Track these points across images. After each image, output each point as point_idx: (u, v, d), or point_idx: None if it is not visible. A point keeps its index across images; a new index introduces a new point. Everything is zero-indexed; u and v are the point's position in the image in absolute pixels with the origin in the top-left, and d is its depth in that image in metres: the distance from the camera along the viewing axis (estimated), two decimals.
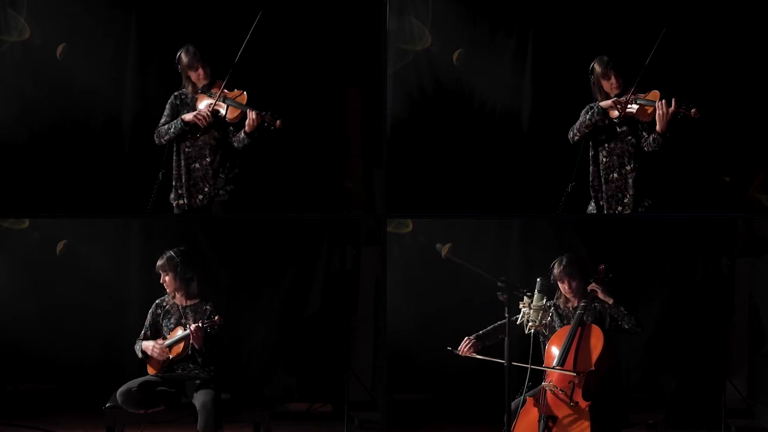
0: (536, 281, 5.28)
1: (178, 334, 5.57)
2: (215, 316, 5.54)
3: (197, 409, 5.39)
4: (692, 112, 5.58)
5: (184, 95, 5.88)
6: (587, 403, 5.16)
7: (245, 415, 5.56)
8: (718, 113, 6.15)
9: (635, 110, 5.68)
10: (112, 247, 6.52)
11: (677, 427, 6.32)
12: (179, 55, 5.84)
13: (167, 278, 5.64)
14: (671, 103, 5.58)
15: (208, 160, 5.86)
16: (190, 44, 5.82)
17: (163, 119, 5.89)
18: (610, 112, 5.74)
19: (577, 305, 5.42)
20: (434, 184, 6.40)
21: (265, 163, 6.16)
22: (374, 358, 6.45)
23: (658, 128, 5.62)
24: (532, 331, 5.28)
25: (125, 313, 6.48)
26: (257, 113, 5.71)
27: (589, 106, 5.79)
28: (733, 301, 6.44)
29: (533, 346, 5.34)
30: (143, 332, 5.69)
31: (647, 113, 5.67)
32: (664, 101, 5.60)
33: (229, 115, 5.77)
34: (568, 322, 5.41)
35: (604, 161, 5.81)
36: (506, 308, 5.10)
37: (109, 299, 6.52)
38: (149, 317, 5.71)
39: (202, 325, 5.48)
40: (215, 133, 5.84)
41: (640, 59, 5.68)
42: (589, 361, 5.23)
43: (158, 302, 5.72)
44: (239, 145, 5.80)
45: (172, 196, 5.92)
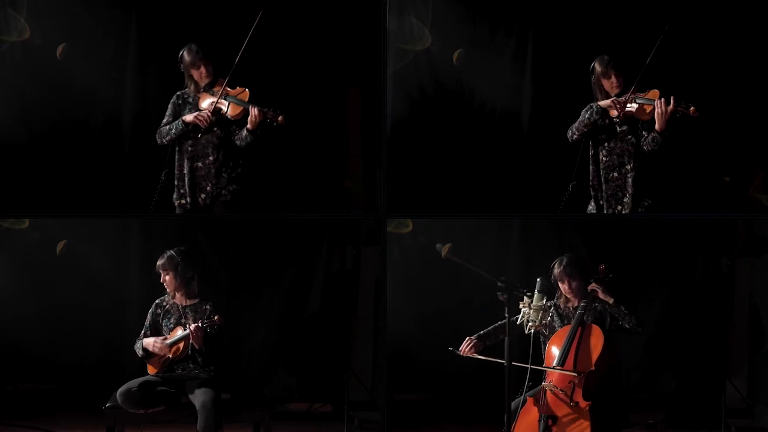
0: (536, 281, 5.28)
1: (177, 333, 5.57)
2: (215, 315, 5.54)
3: (197, 409, 5.39)
4: (691, 110, 5.59)
5: (186, 94, 5.88)
6: (587, 403, 5.15)
7: (245, 415, 5.56)
8: (718, 113, 6.15)
9: (635, 109, 5.69)
10: (112, 247, 6.52)
11: (677, 427, 6.32)
12: (182, 53, 5.84)
13: (167, 277, 5.64)
14: (670, 101, 5.59)
15: (211, 158, 5.86)
16: (192, 43, 5.83)
17: (165, 119, 5.89)
18: (609, 111, 5.74)
19: (577, 305, 5.42)
20: (434, 184, 6.40)
21: (265, 163, 6.16)
22: (374, 358, 6.45)
23: (657, 127, 5.62)
24: (532, 331, 5.28)
25: (125, 313, 6.48)
26: (259, 109, 5.71)
27: (589, 105, 5.79)
28: (733, 301, 6.44)
29: (533, 346, 5.33)
30: (143, 332, 5.69)
31: (646, 112, 5.67)
32: (663, 100, 5.60)
33: (231, 112, 5.77)
34: (568, 322, 5.41)
35: (604, 160, 5.81)
36: (506, 308, 5.10)
37: (109, 299, 6.52)
38: (149, 317, 5.71)
39: (201, 324, 5.48)
40: (218, 131, 5.84)
41: (640, 59, 5.68)
42: (589, 361, 5.23)
43: (158, 302, 5.72)
44: (242, 143, 5.80)
45: (174, 196, 5.92)
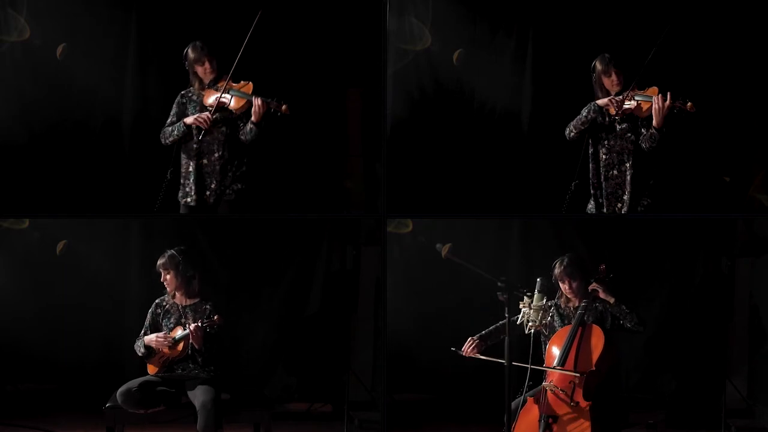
0: (536, 281, 5.28)
1: (177, 333, 5.57)
2: (215, 315, 5.54)
3: (197, 409, 5.39)
4: (688, 105, 5.60)
5: (190, 93, 5.89)
6: (588, 403, 5.15)
7: (245, 415, 5.56)
8: (718, 113, 6.16)
9: (633, 106, 5.70)
10: (112, 247, 6.52)
11: (677, 427, 6.32)
12: (186, 51, 5.84)
13: (168, 277, 5.64)
14: (667, 97, 5.60)
15: (216, 155, 5.86)
16: (196, 40, 5.83)
17: (169, 119, 5.90)
18: (609, 109, 5.75)
19: (578, 305, 5.42)
20: (434, 184, 6.40)
21: (265, 163, 6.16)
22: (374, 358, 6.45)
23: (654, 123, 5.64)
24: (532, 331, 5.28)
25: (125, 313, 6.48)
26: (263, 100, 5.72)
27: (589, 104, 5.80)
28: (733, 301, 6.44)
29: (534, 345, 5.33)
30: (143, 332, 5.69)
31: (643, 109, 5.68)
32: (660, 96, 5.62)
33: (234, 104, 5.77)
34: (569, 321, 5.41)
35: (603, 158, 5.82)
36: (506, 308, 5.10)
37: (109, 299, 6.52)
38: (149, 317, 5.71)
39: (201, 324, 5.48)
40: (224, 128, 5.84)
41: (640, 57, 5.69)
42: (589, 361, 5.23)
43: (158, 302, 5.72)
44: (247, 137, 5.80)
45: (180, 194, 5.92)
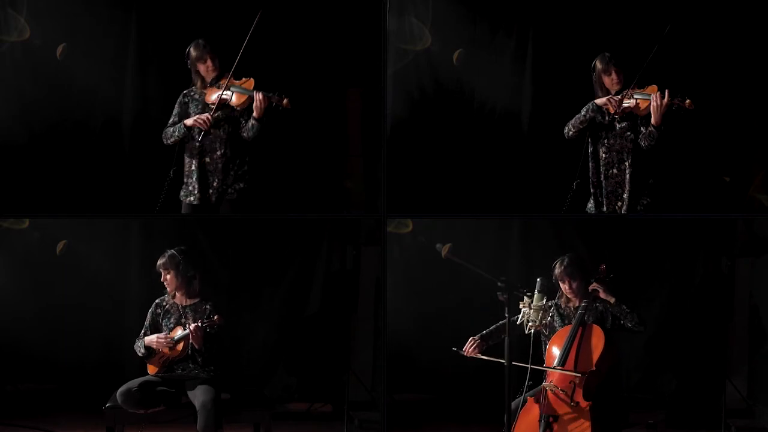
0: (536, 281, 5.28)
1: (177, 333, 5.57)
2: (215, 315, 5.54)
3: (197, 409, 5.39)
4: (687, 103, 5.61)
5: (192, 92, 5.89)
6: (588, 403, 5.15)
7: (245, 415, 5.56)
8: (718, 113, 6.16)
9: (632, 105, 5.70)
10: (112, 247, 6.52)
11: (677, 427, 6.32)
12: (188, 50, 5.85)
13: (168, 277, 5.64)
14: (665, 95, 5.60)
15: (219, 153, 5.85)
16: (199, 38, 5.84)
17: (171, 119, 5.90)
18: (608, 108, 5.75)
19: (578, 305, 5.42)
20: (434, 184, 6.40)
21: (265, 163, 6.16)
22: (374, 358, 6.45)
23: (653, 121, 5.64)
24: (532, 331, 5.27)
25: (125, 313, 6.48)
26: (264, 94, 5.72)
27: (589, 103, 5.81)
28: (733, 301, 6.44)
29: (534, 345, 5.33)
30: (143, 332, 5.69)
31: (641, 108, 5.68)
32: (658, 93, 5.62)
33: (236, 100, 5.78)
34: (569, 321, 5.41)
35: (603, 157, 5.82)
36: (506, 308, 5.10)
37: (109, 299, 6.52)
38: (149, 317, 5.70)
39: (201, 324, 5.48)
40: (226, 126, 5.84)
41: (640, 58, 5.69)
42: (590, 361, 5.23)
43: (158, 302, 5.72)
44: (249, 134, 5.80)
45: (182, 193, 5.92)
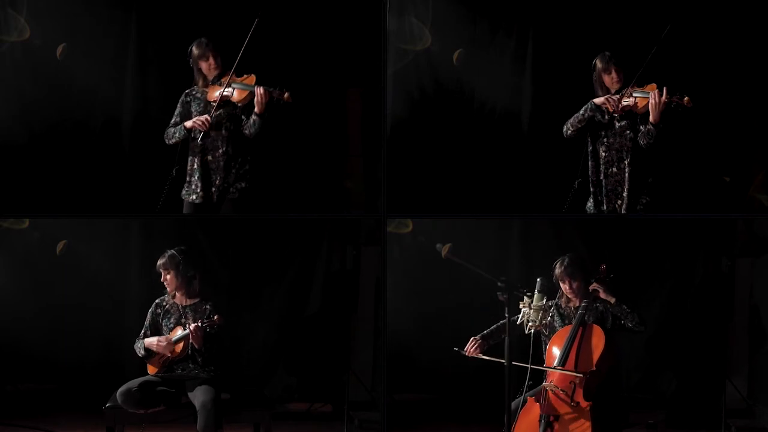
0: (536, 281, 5.28)
1: (177, 333, 5.57)
2: (215, 315, 5.54)
3: (197, 409, 5.39)
4: (685, 100, 5.61)
5: (194, 91, 5.89)
6: (588, 403, 5.15)
7: (245, 415, 5.56)
8: (718, 113, 6.16)
9: (631, 103, 5.70)
10: (112, 247, 6.52)
11: (677, 427, 6.32)
12: (190, 49, 5.85)
13: (168, 277, 5.64)
14: (663, 92, 5.60)
15: (221, 151, 5.85)
16: (201, 38, 5.84)
17: (173, 119, 5.90)
18: (606, 107, 5.75)
19: (578, 305, 5.42)
20: (434, 184, 6.40)
21: (265, 163, 6.16)
22: (374, 358, 6.45)
23: (651, 118, 5.65)
24: (532, 331, 5.27)
25: (125, 313, 6.48)
26: (264, 89, 5.72)
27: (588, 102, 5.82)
28: (733, 301, 6.44)
29: (534, 345, 5.33)
30: (143, 332, 5.69)
31: (639, 107, 5.68)
32: (657, 91, 5.62)
33: (237, 96, 5.77)
34: (569, 321, 5.40)
35: (603, 156, 5.82)
36: (506, 308, 5.10)
37: (109, 299, 6.52)
38: (149, 317, 5.70)
39: (201, 324, 5.48)
40: (228, 124, 5.84)
41: (640, 58, 5.69)
42: (590, 361, 5.23)
43: (158, 302, 5.72)
44: (251, 130, 5.79)
45: (183, 192, 5.91)
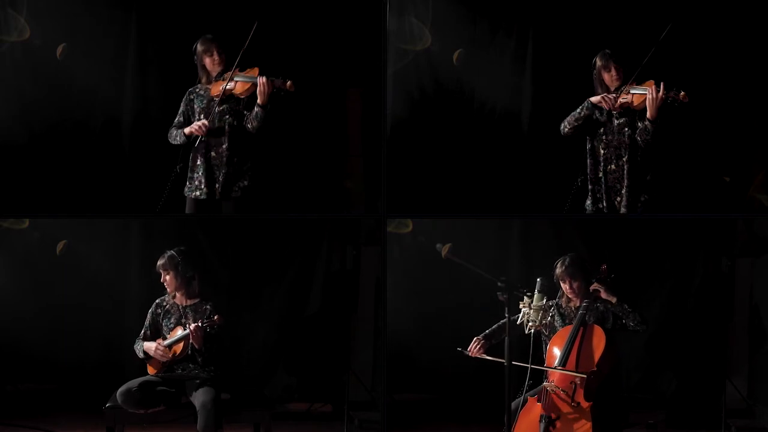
0: (536, 281, 5.27)
1: (177, 333, 5.57)
2: (215, 315, 5.54)
3: (197, 409, 5.39)
4: (681, 95, 5.61)
5: (198, 88, 5.89)
6: (589, 403, 5.15)
7: (245, 415, 5.56)
8: (718, 112, 6.16)
9: (628, 100, 5.70)
10: (112, 247, 6.52)
11: (677, 427, 6.32)
12: (195, 46, 5.85)
13: (168, 277, 5.64)
14: (660, 88, 5.61)
15: (224, 147, 5.84)
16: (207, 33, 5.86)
17: (177, 118, 5.91)
18: (602, 105, 5.75)
19: (579, 305, 5.42)
20: (434, 184, 6.40)
21: (265, 163, 6.16)
22: (374, 358, 6.45)
23: (648, 114, 5.65)
24: (532, 331, 5.27)
25: (125, 313, 6.48)
26: (267, 79, 5.72)
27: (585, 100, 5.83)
28: (733, 301, 6.44)
29: (534, 345, 5.33)
30: (143, 332, 5.69)
31: (635, 104, 5.68)
32: (653, 87, 5.62)
33: (239, 88, 5.77)
34: (570, 321, 5.40)
35: (602, 153, 5.82)
36: (506, 308, 5.10)
37: (109, 299, 6.52)
38: (149, 317, 5.71)
39: (201, 324, 5.48)
40: (230, 119, 5.83)
41: (640, 57, 5.69)
42: (591, 361, 5.22)
43: (158, 302, 5.72)
44: (254, 123, 5.78)
45: (186, 189, 5.91)
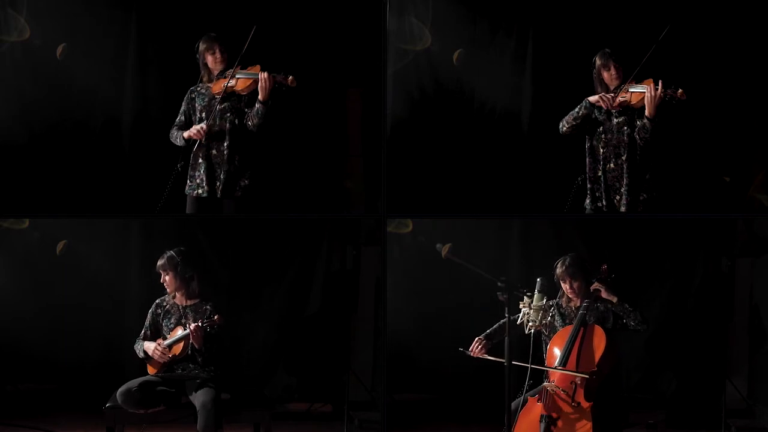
0: (536, 281, 5.27)
1: (177, 333, 5.57)
2: (215, 315, 5.54)
3: (197, 409, 5.39)
4: (679, 92, 5.61)
5: (199, 87, 5.89)
6: (589, 403, 5.15)
7: (245, 415, 5.56)
8: (718, 112, 6.16)
9: (628, 98, 5.70)
10: (112, 247, 6.52)
11: (677, 427, 6.32)
12: (197, 45, 5.85)
13: (167, 278, 5.64)
14: (658, 86, 5.61)
15: (225, 144, 5.84)
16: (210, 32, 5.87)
17: (178, 117, 5.91)
18: (601, 105, 5.76)
19: (579, 305, 5.41)
20: (434, 184, 6.40)
21: (265, 163, 6.16)
22: (374, 358, 6.45)
23: (646, 112, 5.66)
24: (532, 331, 5.27)
25: (125, 313, 6.48)
26: (268, 74, 5.71)
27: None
28: (733, 301, 6.44)
29: (534, 345, 5.33)
30: (143, 332, 5.69)
31: (633, 102, 5.68)
32: (651, 85, 5.62)
33: (241, 85, 5.77)
34: (570, 321, 5.40)
35: (601, 152, 5.82)
36: (506, 308, 5.10)
37: (109, 299, 6.52)
38: (149, 317, 5.71)
39: (201, 324, 5.48)
40: (231, 117, 5.83)
41: (640, 57, 5.69)
42: (591, 361, 5.22)
43: (158, 302, 5.72)
44: (255, 120, 5.77)
45: (187, 187, 5.90)
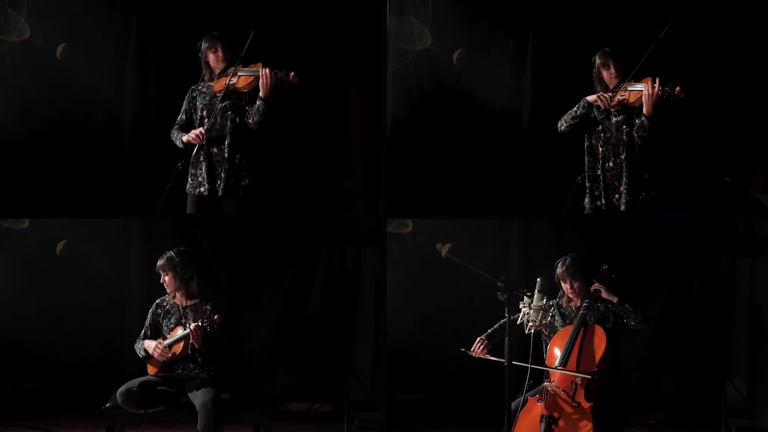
0: (536, 281, 5.27)
1: (178, 333, 5.57)
2: (215, 315, 5.54)
3: (197, 409, 5.39)
4: (676, 90, 5.61)
5: (200, 86, 5.88)
6: (589, 404, 5.15)
7: (245, 415, 5.56)
8: (718, 112, 6.16)
9: (626, 96, 5.70)
10: (112, 247, 6.52)
11: (677, 427, 6.32)
12: (199, 44, 5.85)
13: (167, 278, 5.64)
14: (656, 83, 5.61)
15: (226, 143, 5.84)
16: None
17: (179, 116, 5.91)
18: (599, 104, 5.76)
19: (579, 305, 5.41)
20: (434, 184, 6.40)
21: (265, 163, 6.16)
22: (374, 358, 6.45)
23: (644, 111, 5.65)
24: (532, 331, 5.27)
25: (125, 313, 6.48)
26: (270, 70, 5.71)
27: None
28: (733, 301, 6.44)
29: (534, 345, 5.33)
30: (143, 332, 5.69)
31: (631, 100, 5.69)
32: (650, 83, 5.62)
33: (242, 82, 5.76)
34: (570, 321, 5.40)
35: (600, 150, 5.82)
36: (506, 308, 5.10)
37: (109, 299, 6.52)
38: (149, 317, 5.70)
39: (201, 324, 5.48)
40: (232, 115, 5.83)
41: (639, 56, 5.69)
42: (592, 361, 5.22)
43: (158, 302, 5.72)
44: (255, 118, 5.76)
45: (188, 185, 5.90)
